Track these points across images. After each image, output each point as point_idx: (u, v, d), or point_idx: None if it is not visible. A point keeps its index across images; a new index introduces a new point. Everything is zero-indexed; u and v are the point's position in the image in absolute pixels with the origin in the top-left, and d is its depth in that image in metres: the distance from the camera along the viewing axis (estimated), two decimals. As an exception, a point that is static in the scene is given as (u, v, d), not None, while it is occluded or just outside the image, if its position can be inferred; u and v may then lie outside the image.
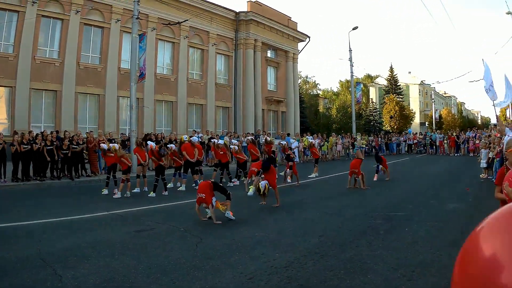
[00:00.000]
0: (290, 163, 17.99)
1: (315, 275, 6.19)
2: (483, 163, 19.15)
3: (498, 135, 18.82)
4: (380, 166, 18.95)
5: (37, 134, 18.88)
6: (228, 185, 17.22)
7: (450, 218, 10.36)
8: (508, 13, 31.50)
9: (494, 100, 16.37)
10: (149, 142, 17.14)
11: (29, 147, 17.83)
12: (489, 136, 22.73)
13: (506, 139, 14.81)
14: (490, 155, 18.41)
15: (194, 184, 16.43)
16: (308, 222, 10.12)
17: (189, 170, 17.03)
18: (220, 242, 8.13)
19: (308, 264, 6.70)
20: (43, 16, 25.89)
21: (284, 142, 21.04)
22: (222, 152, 17.86)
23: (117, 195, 14.46)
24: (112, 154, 15.29)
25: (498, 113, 17.62)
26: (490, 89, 16.09)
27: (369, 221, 9.96)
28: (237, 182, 17.87)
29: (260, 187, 12.18)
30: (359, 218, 10.47)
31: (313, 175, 20.56)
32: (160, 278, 6.08)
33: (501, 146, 16.78)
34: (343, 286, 5.78)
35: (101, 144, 17.07)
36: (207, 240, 8.32)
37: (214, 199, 10.05)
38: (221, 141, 18.71)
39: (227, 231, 9.18)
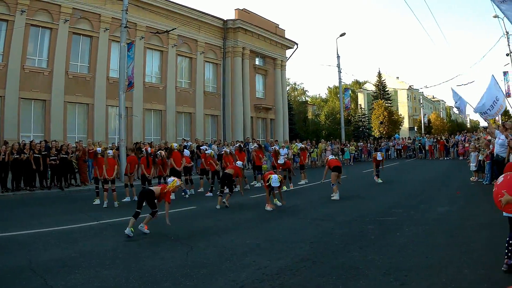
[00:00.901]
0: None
1: (307, 282, 6.17)
2: (473, 166, 19.26)
3: (488, 137, 18.90)
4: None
5: (24, 144, 18.74)
6: (217, 194, 17.22)
7: (441, 221, 10.35)
8: (495, 16, 31.70)
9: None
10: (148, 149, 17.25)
11: (18, 156, 17.72)
12: (478, 139, 22.81)
13: (496, 141, 14.91)
14: (480, 158, 18.51)
15: (183, 193, 16.42)
16: (299, 228, 10.12)
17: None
18: (210, 250, 8.09)
19: (300, 271, 6.68)
20: (32, 25, 25.71)
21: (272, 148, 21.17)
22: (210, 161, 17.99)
23: (104, 204, 14.46)
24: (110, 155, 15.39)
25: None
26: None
27: (360, 227, 9.96)
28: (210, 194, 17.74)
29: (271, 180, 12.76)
30: (350, 223, 10.47)
31: (302, 181, 20.52)
32: (151, 288, 6.03)
33: (491, 148, 16.89)
34: (336, 292, 5.76)
35: (97, 148, 16.97)
36: (197, 248, 8.28)
37: None
38: (208, 151, 18.72)
39: (217, 239, 9.13)
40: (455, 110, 16.33)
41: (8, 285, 6.19)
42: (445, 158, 36.59)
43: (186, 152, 18.36)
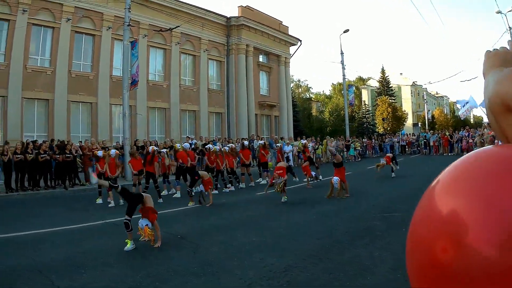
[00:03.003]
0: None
1: (315, 279, 6.15)
2: (479, 162, 19.20)
3: (492, 133, 18.84)
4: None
5: (28, 144, 18.73)
6: (223, 191, 17.23)
7: (446, 218, 10.29)
8: (498, 12, 31.61)
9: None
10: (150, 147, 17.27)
11: (22, 156, 17.74)
12: (482, 135, 22.75)
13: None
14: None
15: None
16: (304, 225, 10.08)
17: (186, 177, 16.95)
18: (217, 248, 8.07)
19: (307, 268, 6.66)
20: (34, 24, 25.73)
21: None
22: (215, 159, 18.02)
23: (112, 203, 14.43)
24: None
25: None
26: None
27: (365, 223, 9.94)
28: (232, 188, 17.85)
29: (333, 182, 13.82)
30: (356, 219, 10.43)
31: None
32: (159, 287, 6.02)
33: (495, 144, 16.83)
34: (343, 289, 5.74)
35: (97, 151, 17.02)
36: (204, 246, 8.26)
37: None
38: (215, 147, 18.72)
39: (223, 236, 9.11)
40: (463, 111, 16.31)
41: (15, 286, 6.16)
42: (450, 154, 36.44)
43: (186, 145, 18.31)
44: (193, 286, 5.99)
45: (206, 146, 20.27)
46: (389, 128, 63.43)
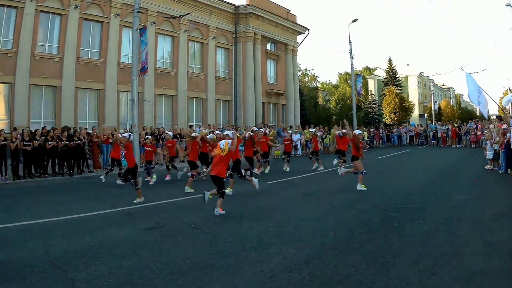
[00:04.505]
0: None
1: (337, 271, 6.00)
2: (490, 154, 19.02)
3: (502, 126, 18.70)
4: None
5: (35, 130, 18.60)
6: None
7: (461, 210, 10.21)
8: (508, 5, 31.37)
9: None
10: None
11: (30, 143, 17.62)
12: (489, 128, 22.54)
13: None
14: (496, 147, 18.27)
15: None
16: (320, 215, 9.94)
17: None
18: (233, 239, 7.91)
19: (328, 259, 6.52)
20: (42, 11, 25.61)
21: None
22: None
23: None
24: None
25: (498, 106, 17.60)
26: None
27: (382, 214, 9.80)
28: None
29: None
30: (371, 211, 10.29)
31: (321, 167, 20.25)
32: (178, 279, 5.85)
33: (507, 137, 16.71)
34: (367, 282, 5.60)
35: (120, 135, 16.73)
36: (220, 236, 8.10)
37: None
38: (210, 136, 18.48)
39: (238, 226, 8.99)
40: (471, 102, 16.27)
41: (27, 279, 5.97)
42: (457, 146, 36.35)
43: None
44: (214, 279, 5.82)
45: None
46: (396, 118, 63.26)
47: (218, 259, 6.70)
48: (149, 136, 18.41)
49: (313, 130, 27.00)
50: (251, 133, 17.21)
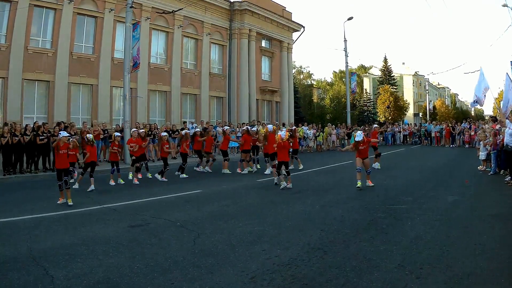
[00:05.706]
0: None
1: (320, 273, 5.93)
2: (482, 155, 18.99)
3: (496, 127, 18.68)
4: None
5: (26, 125, 18.48)
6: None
7: (451, 211, 10.12)
8: (504, 5, 31.40)
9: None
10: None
11: (21, 138, 17.51)
12: (483, 129, 22.52)
13: (506, 131, 14.68)
14: (487, 147, 18.23)
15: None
16: (307, 215, 9.88)
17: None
18: (218, 238, 7.85)
19: (311, 261, 6.44)
20: (35, 5, 25.35)
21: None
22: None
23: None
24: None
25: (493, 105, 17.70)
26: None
27: (369, 215, 9.73)
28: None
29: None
30: (359, 211, 10.22)
31: (301, 166, 20.00)
32: (157, 278, 5.79)
33: (498, 138, 16.69)
34: (350, 285, 5.53)
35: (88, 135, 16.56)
36: (205, 235, 8.04)
37: None
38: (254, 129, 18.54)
39: (225, 225, 8.91)
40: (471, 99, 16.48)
41: (7, 275, 5.93)
42: (451, 146, 36.36)
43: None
44: (193, 279, 5.75)
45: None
46: (390, 117, 63.31)
47: (200, 258, 6.64)
48: (165, 133, 18.39)
49: (306, 128, 26.89)
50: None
